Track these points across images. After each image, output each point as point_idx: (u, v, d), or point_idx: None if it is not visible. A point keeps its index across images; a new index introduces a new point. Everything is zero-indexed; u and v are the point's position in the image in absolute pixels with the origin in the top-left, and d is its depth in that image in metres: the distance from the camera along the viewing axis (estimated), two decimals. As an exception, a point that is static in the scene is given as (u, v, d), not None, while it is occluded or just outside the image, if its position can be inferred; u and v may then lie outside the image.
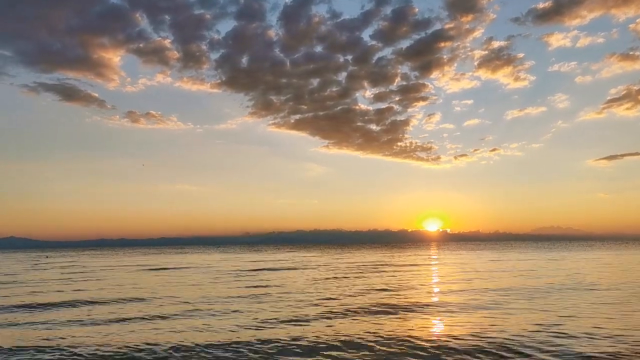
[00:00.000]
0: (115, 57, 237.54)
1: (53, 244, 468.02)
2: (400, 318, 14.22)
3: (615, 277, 26.38)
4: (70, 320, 14.93)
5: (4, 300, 20.25)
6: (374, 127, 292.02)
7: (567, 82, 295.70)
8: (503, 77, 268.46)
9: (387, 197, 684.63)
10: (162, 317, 15.07)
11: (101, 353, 10.66)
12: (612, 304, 16.35)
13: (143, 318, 14.97)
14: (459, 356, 9.81)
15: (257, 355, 10.21)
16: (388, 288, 22.48)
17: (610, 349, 9.99)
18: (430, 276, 30.60)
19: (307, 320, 13.96)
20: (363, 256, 66.31)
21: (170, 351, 10.67)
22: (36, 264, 56.02)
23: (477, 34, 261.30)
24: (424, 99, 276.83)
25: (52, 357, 10.43)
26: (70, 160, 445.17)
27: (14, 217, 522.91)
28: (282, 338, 11.55)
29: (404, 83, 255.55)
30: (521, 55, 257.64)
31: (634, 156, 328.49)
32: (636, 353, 9.67)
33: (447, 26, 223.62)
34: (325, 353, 10.28)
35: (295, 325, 13.28)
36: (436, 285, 24.87)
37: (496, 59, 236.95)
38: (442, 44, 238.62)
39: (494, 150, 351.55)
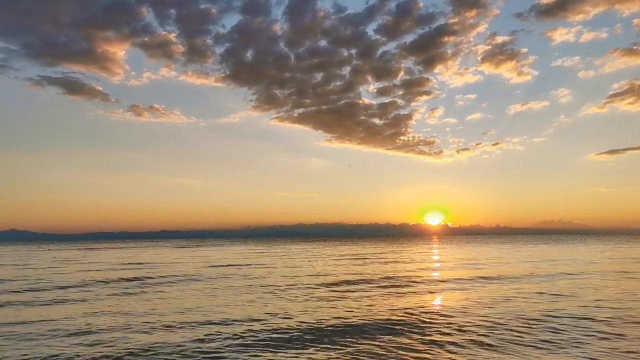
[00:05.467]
0: (120, 50, 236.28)
1: (54, 237, 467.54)
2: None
3: None
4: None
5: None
6: (377, 121, 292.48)
7: (570, 76, 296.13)
8: (506, 71, 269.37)
9: (388, 190, 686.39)
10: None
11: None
12: None
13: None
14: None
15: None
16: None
17: None
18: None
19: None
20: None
21: None
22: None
23: (481, 29, 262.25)
24: (427, 93, 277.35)
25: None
26: (73, 154, 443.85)
27: (15, 209, 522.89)
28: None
29: (408, 77, 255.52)
30: (524, 50, 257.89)
31: (635, 150, 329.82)
32: None
33: (451, 21, 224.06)
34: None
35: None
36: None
37: (499, 53, 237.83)
38: (446, 39, 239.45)
39: (496, 144, 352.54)
